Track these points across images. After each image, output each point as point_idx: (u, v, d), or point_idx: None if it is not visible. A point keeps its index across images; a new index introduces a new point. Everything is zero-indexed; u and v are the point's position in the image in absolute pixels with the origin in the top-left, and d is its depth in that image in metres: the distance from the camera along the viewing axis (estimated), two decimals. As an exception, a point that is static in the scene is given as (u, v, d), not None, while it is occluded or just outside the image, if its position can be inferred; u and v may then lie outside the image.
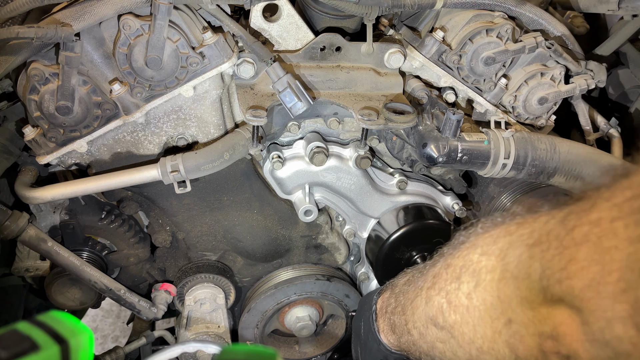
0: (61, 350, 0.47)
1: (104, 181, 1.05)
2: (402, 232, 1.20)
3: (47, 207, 1.19)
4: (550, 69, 1.13)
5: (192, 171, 1.04)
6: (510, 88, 1.14)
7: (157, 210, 1.21)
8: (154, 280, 1.35)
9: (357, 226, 1.29)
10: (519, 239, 0.57)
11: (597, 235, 0.43)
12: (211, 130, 1.09)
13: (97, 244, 1.25)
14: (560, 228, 0.48)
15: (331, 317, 1.48)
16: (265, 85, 1.04)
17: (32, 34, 0.86)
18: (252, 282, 1.38)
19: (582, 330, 0.44)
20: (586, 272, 0.43)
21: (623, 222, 0.42)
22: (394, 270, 1.23)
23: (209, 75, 1.00)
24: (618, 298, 0.40)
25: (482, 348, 0.62)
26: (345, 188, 1.21)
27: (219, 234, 1.27)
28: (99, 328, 2.46)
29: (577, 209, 0.47)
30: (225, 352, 0.48)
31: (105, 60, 0.98)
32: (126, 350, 1.27)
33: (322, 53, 1.05)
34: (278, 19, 1.02)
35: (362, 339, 1.01)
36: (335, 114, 1.13)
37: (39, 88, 0.96)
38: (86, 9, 0.91)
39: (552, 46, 1.10)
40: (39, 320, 0.48)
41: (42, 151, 1.04)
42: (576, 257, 0.44)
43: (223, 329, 1.28)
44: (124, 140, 1.06)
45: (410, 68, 1.12)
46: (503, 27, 1.06)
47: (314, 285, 1.33)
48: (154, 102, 1.01)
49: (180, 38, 0.94)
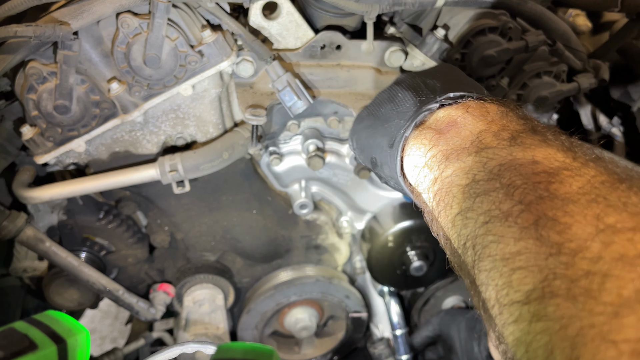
0: (58, 349, 0.47)
1: (102, 181, 1.04)
2: (396, 229, 1.19)
3: (45, 207, 1.18)
4: (552, 67, 1.12)
5: (191, 171, 1.03)
6: (512, 87, 1.13)
7: (156, 210, 1.21)
8: (152, 280, 1.34)
9: (353, 219, 1.29)
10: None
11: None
12: (210, 130, 1.09)
13: (95, 244, 1.24)
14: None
15: (331, 318, 1.47)
16: (264, 84, 1.03)
17: (30, 33, 0.85)
18: (251, 282, 1.37)
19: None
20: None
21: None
22: (387, 265, 1.24)
23: (208, 73, 0.99)
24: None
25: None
26: (341, 184, 1.21)
27: (218, 234, 1.26)
28: (97, 329, 2.45)
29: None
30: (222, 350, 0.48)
31: (104, 59, 0.97)
32: (125, 351, 1.26)
33: (322, 51, 1.04)
34: (277, 17, 1.01)
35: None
36: (335, 112, 1.13)
37: (36, 87, 0.95)
38: (84, 7, 0.90)
39: (554, 45, 1.09)
40: (37, 319, 0.48)
41: (40, 151, 1.03)
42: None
43: (222, 330, 1.27)
44: (122, 139, 1.06)
45: (411, 66, 1.12)
46: (505, 26, 1.05)
47: (314, 286, 1.32)
48: (153, 101, 1.00)
49: (179, 36, 0.94)
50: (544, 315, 0.39)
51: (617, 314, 0.35)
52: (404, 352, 1.34)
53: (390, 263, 1.24)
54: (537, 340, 0.40)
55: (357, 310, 1.40)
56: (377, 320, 1.45)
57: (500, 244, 0.44)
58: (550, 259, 0.40)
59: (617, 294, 0.36)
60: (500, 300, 0.43)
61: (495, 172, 0.47)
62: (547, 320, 0.39)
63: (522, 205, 0.43)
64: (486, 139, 0.51)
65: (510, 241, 0.43)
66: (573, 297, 0.38)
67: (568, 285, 0.39)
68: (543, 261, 0.41)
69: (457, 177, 0.50)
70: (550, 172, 0.45)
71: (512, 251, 0.43)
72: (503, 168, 0.47)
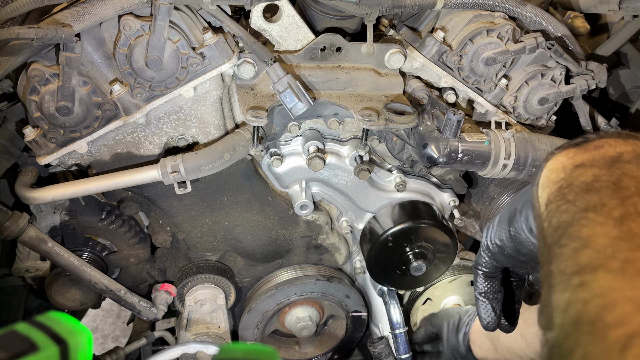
0: (60, 351, 0.47)
1: (105, 182, 1.05)
2: (396, 230, 1.20)
3: (48, 207, 1.19)
4: (551, 69, 1.13)
5: (193, 172, 1.04)
6: (511, 88, 1.14)
7: (158, 210, 1.21)
8: (154, 280, 1.35)
9: (353, 219, 1.30)
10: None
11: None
12: (211, 131, 1.09)
13: (98, 245, 1.25)
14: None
15: (331, 318, 1.48)
16: (265, 86, 1.04)
17: (33, 35, 0.86)
18: (252, 282, 1.38)
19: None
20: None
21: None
22: (386, 265, 1.24)
23: (210, 75, 1.00)
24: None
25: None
26: (341, 184, 1.22)
27: (219, 234, 1.27)
28: (99, 328, 2.46)
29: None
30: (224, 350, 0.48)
31: (106, 61, 0.98)
32: (126, 350, 1.27)
33: (322, 53, 1.05)
34: (278, 20, 1.02)
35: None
36: (335, 114, 1.13)
37: (39, 89, 0.96)
38: (86, 9, 0.90)
39: (553, 46, 1.10)
40: (38, 321, 0.48)
41: (43, 152, 1.03)
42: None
43: (223, 329, 1.28)
44: (124, 140, 1.06)
45: (411, 68, 1.12)
46: (504, 28, 1.06)
47: (315, 285, 1.33)
48: (154, 102, 1.01)
49: (181, 39, 0.94)
50: (588, 285, 0.41)
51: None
52: (404, 352, 1.35)
53: (390, 263, 1.24)
54: (573, 308, 0.41)
55: (357, 309, 1.41)
56: (377, 320, 1.46)
57: (586, 227, 0.47)
58: (619, 242, 0.43)
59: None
60: (563, 272, 0.46)
61: (616, 177, 0.51)
62: (589, 290, 0.41)
63: (620, 201, 0.47)
64: (625, 156, 0.54)
65: (596, 225, 0.46)
66: (622, 273, 0.40)
67: (622, 264, 0.41)
68: (611, 243, 0.43)
69: (582, 176, 0.53)
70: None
71: (590, 233, 0.46)
72: (624, 175, 0.51)
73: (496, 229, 0.71)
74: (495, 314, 0.78)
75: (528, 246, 0.67)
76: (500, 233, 0.70)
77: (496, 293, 0.77)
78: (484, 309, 0.78)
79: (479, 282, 0.77)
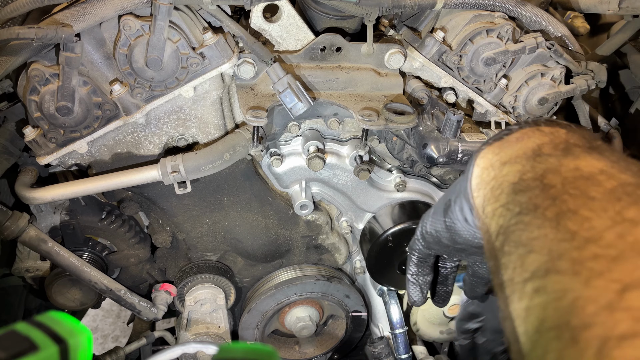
0: (60, 350, 0.47)
1: (105, 182, 1.05)
2: (396, 230, 1.20)
3: (48, 207, 1.19)
4: (551, 69, 1.13)
5: (193, 172, 1.04)
6: (511, 88, 1.14)
7: (158, 210, 1.21)
8: (154, 280, 1.35)
9: (353, 219, 1.30)
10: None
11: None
12: (211, 131, 1.09)
13: (98, 245, 1.25)
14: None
15: (331, 318, 1.48)
16: (265, 86, 1.04)
17: (33, 35, 0.86)
18: (252, 282, 1.38)
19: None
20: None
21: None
22: (386, 265, 1.24)
23: (209, 75, 1.00)
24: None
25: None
26: (341, 184, 1.22)
27: (219, 234, 1.27)
28: (99, 328, 2.46)
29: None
30: (223, 350, 0.48)
31: (106, 61, 0.98)
32: (126, 350, 1.27)
33: (322, 53, 1.05)
34: (278, 20, 1.02)
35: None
36: (335, 114, 1.13)
37: (39, 89, 0.96)
38: (86, 9, 0.90)
39: (553, 46, 1.10)
40: (38, 320, 0.48)
41: (43, 152, 1.04)
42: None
43: (223, 329, 1.28)
44: (125, 140, 1.07)
45: (411, 68, 1.12)
46: (503, 28, 1.06)
47: (314, 285, 1.33)
48: (154, 102, 1.01)
49: (181, 39, 0.94)
50: (543, 289, 0.41)
51: (624, 290, 0.36)
52: (404, 351, 1.35)
53: (390, 263, 1.25)
54: (532, 314, 0.41)
55: (357, 309, 1.41)
56: (377, 320, 1.46)
57: (525, 231, 0.47)
58: (562, 243, 0.43)
59: (627, 274, 0.37)
60: (513, 280, 0.46)
61: (540, 173, 0.51)
62: (544, 293, 0.41)
63: (551, 200, 0.47)
64: (545, 149, 0.55)
65: (533, 229, 0.46)
66: (575, 274, 0.40)
67: (572, 265, 0.40)
68: (555, 245, 0.43)
69: (509, 175, 0.54)
70: (587, 176, 0.48)
71: (531, 237, 0.46)
72: (548, 171, 0.51)
73: (431, 219, 0.73)
74: (423, 294, 0.83)
75: (464, 235, 0.68)
76: (435, 224, 0.72)
77: (426, 276, 0.82)
78: (413, 290, 0.83)
79: (411, 266, 0.81)
